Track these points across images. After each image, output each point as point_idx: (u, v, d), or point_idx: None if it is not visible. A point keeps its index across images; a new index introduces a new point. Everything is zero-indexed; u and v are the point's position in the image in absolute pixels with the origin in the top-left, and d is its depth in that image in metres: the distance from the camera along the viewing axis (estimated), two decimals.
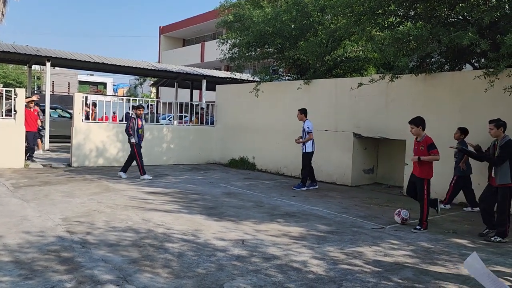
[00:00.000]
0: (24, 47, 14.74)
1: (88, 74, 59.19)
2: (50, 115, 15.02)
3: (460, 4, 7.70)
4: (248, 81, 15.99)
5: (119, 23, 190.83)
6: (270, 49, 13.13)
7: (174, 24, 37.01)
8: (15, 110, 10.86)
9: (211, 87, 17.24)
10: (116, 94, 58.97)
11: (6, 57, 15.25)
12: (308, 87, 11.49)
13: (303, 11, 11.70)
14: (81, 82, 60.36)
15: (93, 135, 11.77)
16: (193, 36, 37.64)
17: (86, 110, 13.24)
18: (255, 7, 13.04)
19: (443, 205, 7.99)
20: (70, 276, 3.97)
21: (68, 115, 18.02)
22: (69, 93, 39.56)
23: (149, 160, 10.87)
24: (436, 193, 8.24)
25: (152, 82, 29.95)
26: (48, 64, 14.52)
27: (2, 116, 11.24)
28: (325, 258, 4.85)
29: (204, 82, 17.26)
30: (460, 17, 8.46)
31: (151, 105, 16.29)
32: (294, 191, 9.34)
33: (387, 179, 10.80)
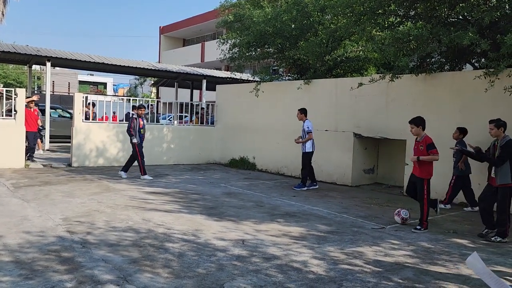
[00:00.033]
0: (24, 47, 14.75)
1: (88, 74, 59.23)
2: (50, 115, 15.04)
3: (460, 4, 7.70)
4: (248, 81, 16.00)
5: (119, 23, 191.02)
6: (270, 49, 13.13)
7: (174, 24, 37.02)
8: (15, 110, 10.86)
9: (211, 87, 17.24)
10: (116, 94, 58.98)
11: (6, 57, 15.25)
12: (308, 87, 11.49)
13: (303, 11, 11.70)
14: (81, 82, 60.37)
15: (93, 135, 11.78)
16: (193, 36, 37.66)
17: (84, 110, 13.21)
18: (255, 7, 13.04)
19: (443, 205, 8.00)
20: (71, 276, 3.97)
21: (68, 115, 18.05)
22: (69, 93, 39.56)
23: (149, 160, 10.88)
24: (436, 193, 8.25)
25: (152, 82, 29.97)
26: (48, 64, 14.54)
27: (3, 116, 11.25)
28: (326, 258, 4.85)
29: (204, 82, 17.27)
30: (460, 17, 8.46)
31: (151, 105, 16.30)
32: (294, 191, 9.34)
33: (388, 179, 10.80)
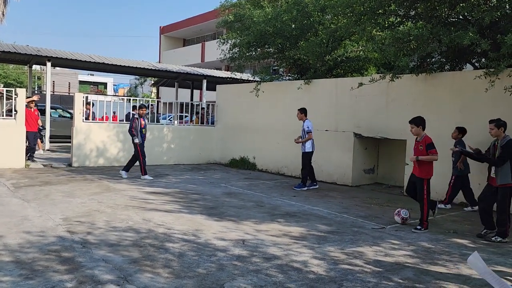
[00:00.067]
0: (25, 47, 14.75)
1: (88, 74, 59.23)
2: (50, 115, 15.04)
3: (461, 4, 7.70)
4: (248, 81, 15.99)
5: (119, 23, 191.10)
6: (271, 49, 13.13)
7: (175, 24, 37.02)
8: (15, 110, 10.86)
9: (211, 87, 17.23)
10: (117, 94, 58.99)
11: (6, 57, 15.26)
12: (309, 87, 11.49)
13: (304, 11, 11.70)
14: (81, 82, 60.38)
15: (94, 135, 11.78)
16: (193, 36, 37.65)
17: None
18: (256, 7, 13.03)
19: (443, 205, 8.01)
20: (71, 276, 3.97)
21: (68, 115, 18.06)
22: (69, 93, 39.55)
23: (149, 160, 10.88)
24: (436, 192, 8.26)
25: (152, 82, 29.97)
26: (49, 64, 14.53)
27: (3, 116, 11.25)
28: (326, 258, 4.85)
29: (204, 82, 17.26)
30: (461, 17, 8.46)
31: (151, 105, 16.31)
32: (294, 191, 9.34)
33: (388, 179, 10.79)
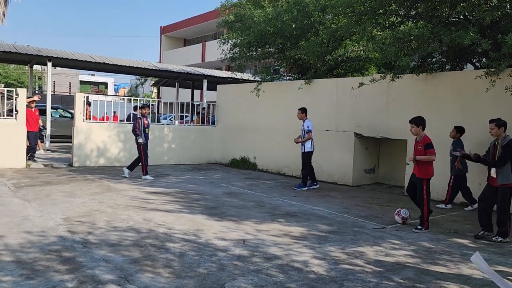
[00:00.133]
0: (25, 47, 14.76)
1: (89, 74, 59.26)
2: (51, 115, 15.05)
3: (461, 4, 7.69)
4: (249, 81, 15.99)
5: (119, 23, 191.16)
6: (271, 49, 13.13)
7: (175, 24, 37.04)
8: (16, 110, 10.87)
9: (212, 87, 17.23)
10: (117, 94, 59.02)
11: (7, 57, 15.26)
12: (309, 87, 11.48)
13: (304, 11, 11.69)
14: (82, 82, 60.41)
15: (94, 135, 11.78)
16: (194, 36, 37.67)
17: None
18: (256, 7, 13.04)
19: (444, 205, 8.03)
20: (72, 276, 3.97)
21: (69, 115, 18.08)
22: (70, 93, 39.60)
23: (150, 160, 10.87)
24: (437, 192, 8.27)
25: (153, 82, 30.00)
26: (49, 64, 14.53)
27: (4, 116, 11.26)
28: (326, 258, 4.85)
29: (205, 82, 17.26)
30: (461, 16, 8.45)
31: (152, 105, 16.29)
32: (295, 191, 9.34)
33: (388, 179, 10.79)
